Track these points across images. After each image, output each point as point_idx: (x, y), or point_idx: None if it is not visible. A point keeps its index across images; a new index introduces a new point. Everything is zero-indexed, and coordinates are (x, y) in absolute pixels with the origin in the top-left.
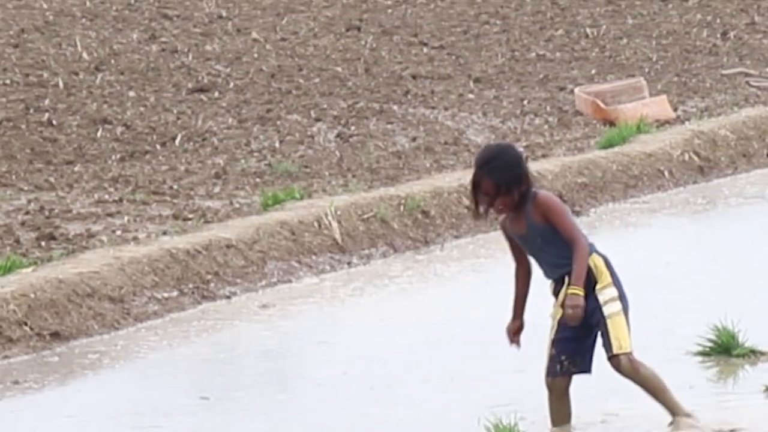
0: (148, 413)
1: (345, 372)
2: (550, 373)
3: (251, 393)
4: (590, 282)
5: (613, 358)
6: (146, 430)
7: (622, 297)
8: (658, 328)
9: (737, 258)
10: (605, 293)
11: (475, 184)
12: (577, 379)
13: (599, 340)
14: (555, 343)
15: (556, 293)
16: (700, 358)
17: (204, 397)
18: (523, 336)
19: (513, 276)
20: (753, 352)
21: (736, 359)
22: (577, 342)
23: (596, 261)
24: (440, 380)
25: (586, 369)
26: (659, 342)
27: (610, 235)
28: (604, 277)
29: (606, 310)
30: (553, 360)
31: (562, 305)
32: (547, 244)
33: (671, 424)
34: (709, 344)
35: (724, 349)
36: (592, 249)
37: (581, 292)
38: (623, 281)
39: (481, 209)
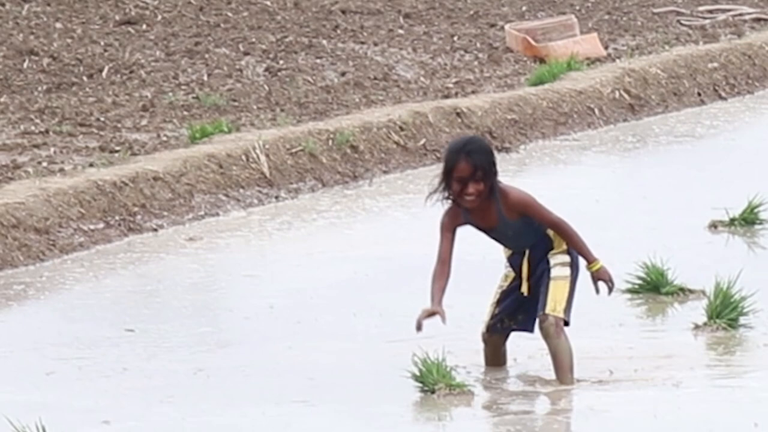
0: (73, 345)
1: (272, 306)
2: (490, 329)
3: (176, 325)
4: (547, 246)
5: (541, 315)
6: (69, 361)
7: (573, 265)
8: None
9: (667, 196)
10: (557, 257)
11: (448, 170)
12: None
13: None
14: (499, 302)
15: (513, 262)
16: (629, 296)
17: (129, 329)
18: (454, 271)
19: (434, 275)
20: (682, 290)
21: (665, 297)
22: (521, 303)
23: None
24: (368, 315)
25: (528, 328)
26: (588, 279)
27: (539, 171)
28: (561, 243)
29: (553, 272)
30: (494, 318)
31: (596, 279)
32: (517, 234)
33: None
34: (639, 282)
35: (653, 287)
36: None
37: (600, 262)
38: None
39: (448, 195)
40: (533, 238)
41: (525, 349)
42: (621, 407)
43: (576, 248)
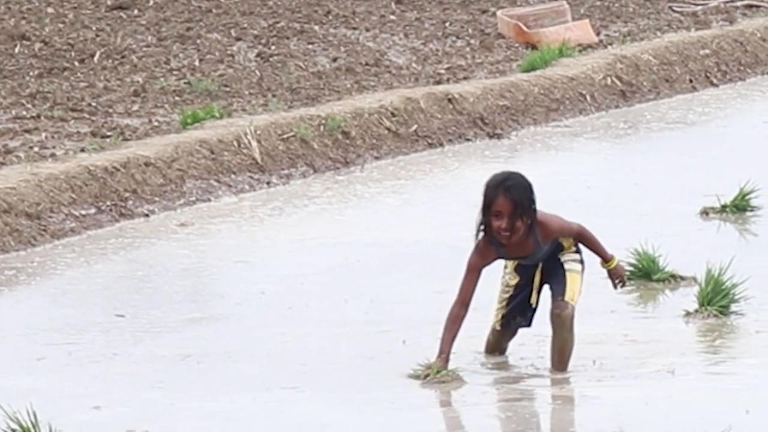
0: (63, 330)
1: (263, 291)
2: (504, 328)
3: (167, 311)
4: (558, 247)
5: (561, 301)
6: (59, 346)
7: (582, 262)
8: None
9: (658, 183)
10: (568, 255)
11: (486, 205)
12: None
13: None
14: (510, 301)
15: (523, 272)
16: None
17: (119, 314)
18: (443, 257)
19: (450, 318)
20: (673, 276)
21: (656, 284)
22: (525, 301)
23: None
24: (359, 301)
25: (528, 324)
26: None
27: (531, 158)
28: (571, 246)
29: (567, 266)
30: (507, 317)
31: (614, 276)
32: (545, 252)
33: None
34: (630, 269)
35: (645, 274)
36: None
37: (616, 259)
38: (544, 205)
39: (492, 234)
40: (550, 252)
41: (516, 336)
42: (613, 394)
43: (595, 250)
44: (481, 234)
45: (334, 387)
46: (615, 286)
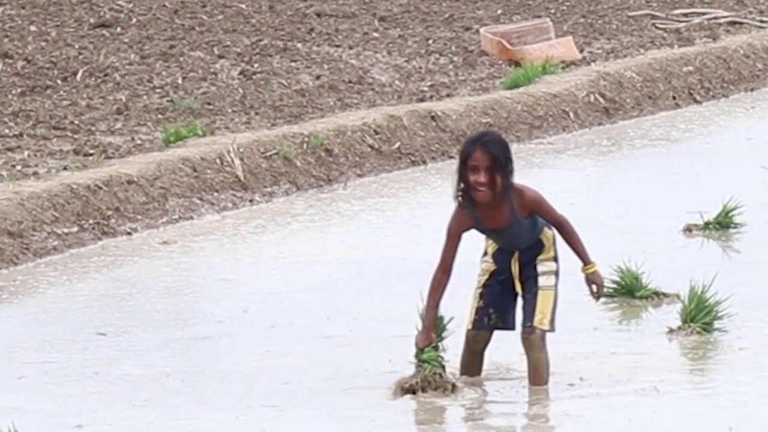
0: (44, 348)
1: (246, 309)
2: (476, 325)
3: (149, 329)
4: (536, 251)
5: (529, 327)
6: (37, 365)
7: (557, 273)
8: (561, 269)
9: (641, 200)
10: (546, 264)
11: (463, 160)
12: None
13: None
14: (483, 294)
15: (499, 259)
16: (603, 300)
17: (101, 333)
18: (426, 274)
19: (433, 284)
20: (656, 293)
21: (639, 301)
22: (504, 296)
23: (548, 234)
24: (343, 319)
25: (511, 326)
26: (562, 283)
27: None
28: (550, 250)
29: (541, 281)
30: (480, 312)
31: (589, 282)
32: (522, 232)
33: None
34: (613, 286)
35: (628, 291)
36: (543, 224)
37: (595, 265)
38: None
39: (462, 187)
40: (530, 240)
41: (501, 354)
42: (596, 412)
43: (574, 249)
44: (460, 199)
45: (317, 405)
46: (591, 294)
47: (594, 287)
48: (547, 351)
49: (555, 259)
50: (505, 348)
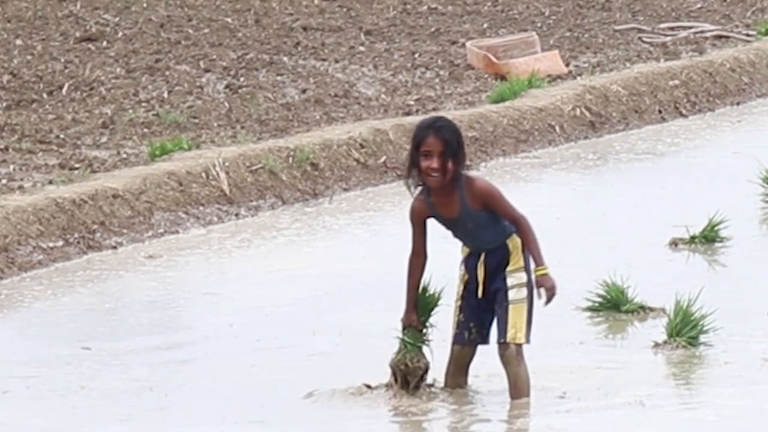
0: (29, 363)
1: (231, 324)
2: (458, 340)
3: (134, 343)
4: (504, 256)
5: (502, 344)
6: (21, 379)
7: (529, 284)
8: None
9: (627, 214)
10: (515, 276)
11: (416, 145)
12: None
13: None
14: (463, 308)
15: (469, 264)
16: (589, 314)
17: (85, 347)
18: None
19: (409, 269)
20: (642, 307)
21: (625, 315)
22: (481, 311)
23: (516, 242)
24: (328, 333)
25: (485, 341)
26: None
27: (500, 189)
28: (518, 260)
29: (511, 294)
30: (461, 326)
31: (538, 285)
32: (478, 227)
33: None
34: (599, 300)
35: (614, 305)
36: (511, 229)
37: (547, 269)
38: None
39: (414, 173)
40: (492, 239)
41: (484, 368)
42: (581, 426)
43: (529, 248)
44: (417, 189)
45: (303, 420)
46: (539, 296)
47: (542, 290)
48: (526, 364)
49: (525, 269)
50: (490, 362)
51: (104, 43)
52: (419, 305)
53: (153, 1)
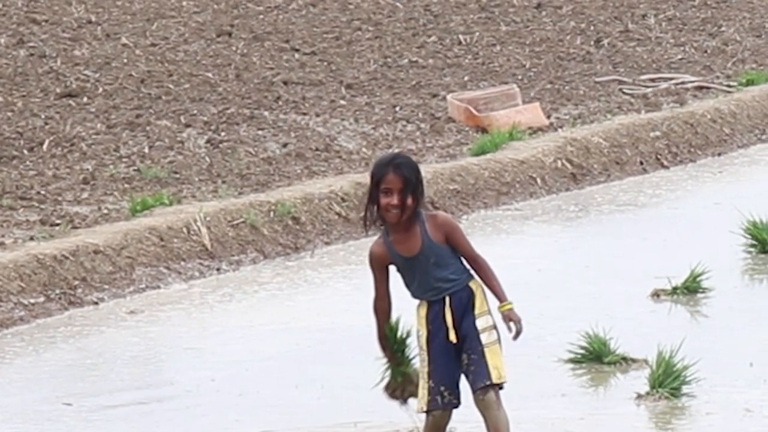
0: (10, 419)
1: (213, 378)
2: (432, 406)
3: (116, 399)
4: (469, 299)
5: (483, 388)
6: None
7: (496, 327)
8: (529, 335)
9: (609, 265)
10: (482, 320)
11: (376, 182)
12: None
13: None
14: (432, 374)
15: (429, 316)
16: (571, 365)
17: (67, 403)
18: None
19: (376, 313)
20: (624, 359)
21: (607, 366)
22: (451, 370)
23: (478, 284)
24: (311, 387)
25: (458, 402)
26: (531, 349)
27: (482, 241)
28: (483, 303)
29: (484, 339)
30: (432, 392)
31: (507, 319)
32: (439, 263)
33: None
34: (581, 351)
35: (596, 357)
36: (470, 272)
37: (512, 304)
38: None
39: (372, 209)
40: (453, 278)
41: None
42: None
43: (490, 285)
44: (368, 222)
45: None
46: (509, 329)
47: (511, 324)
48: (504, 409)
49: (490, 312)
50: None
51: (85, 99)
52: (391, 340)
53: (133, 57)
